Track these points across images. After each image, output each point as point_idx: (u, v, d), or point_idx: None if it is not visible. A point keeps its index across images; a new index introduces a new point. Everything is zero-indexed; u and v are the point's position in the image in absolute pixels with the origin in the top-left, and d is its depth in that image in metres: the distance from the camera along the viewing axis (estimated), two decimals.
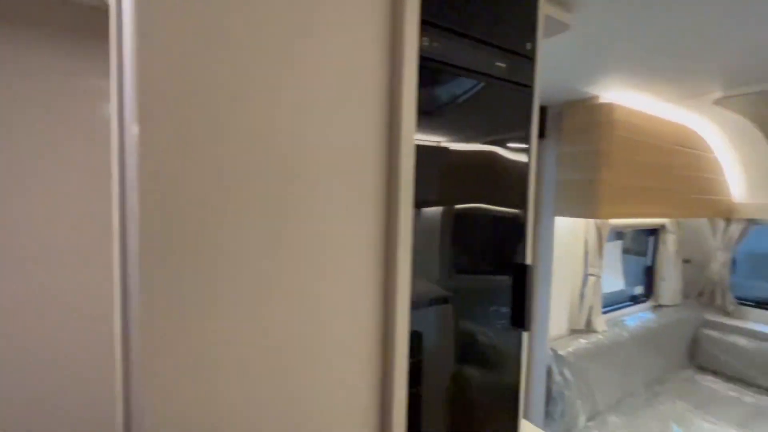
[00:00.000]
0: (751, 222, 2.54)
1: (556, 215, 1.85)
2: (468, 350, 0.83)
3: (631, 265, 2.84)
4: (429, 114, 0.66)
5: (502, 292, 0.86)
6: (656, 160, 1.90)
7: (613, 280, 2.53)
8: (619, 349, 2.20)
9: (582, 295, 2.17)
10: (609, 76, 1.46)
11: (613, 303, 2.61)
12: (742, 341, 2.52)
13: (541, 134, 1.89)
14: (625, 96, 1.69)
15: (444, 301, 0.77)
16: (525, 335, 0.91)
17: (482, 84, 0.74)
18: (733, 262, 2.79)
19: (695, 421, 2.04)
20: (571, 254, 2.13)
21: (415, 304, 0.67)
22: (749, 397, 2.27)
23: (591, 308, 2.16)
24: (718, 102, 1.67)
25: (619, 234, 2.64)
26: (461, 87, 0.71)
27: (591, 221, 2.09)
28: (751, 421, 2.02)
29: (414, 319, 0.66)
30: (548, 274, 1.92)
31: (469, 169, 0.75)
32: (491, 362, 0.87)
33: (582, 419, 1.93)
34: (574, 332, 2.15)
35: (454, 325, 0.79)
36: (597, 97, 1.70)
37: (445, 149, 0.70)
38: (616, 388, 2.16)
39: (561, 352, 1.91)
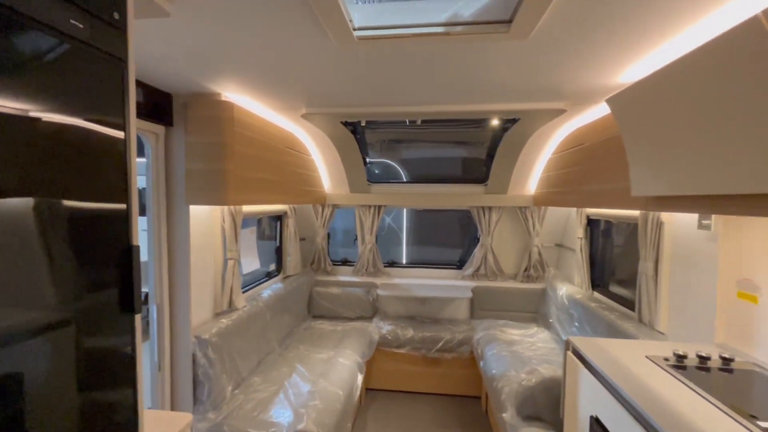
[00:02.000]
0: (335, 206, 3.67)
1: (190, 204, 1.89)
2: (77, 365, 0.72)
3: (266, 248, 3.35)
4: None
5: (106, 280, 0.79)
6: (272, 157, 2.34)
7: (252, 262, 2.90)
8: (257, 318, 2.56)
9: (223, 279, 2.34)
10: (226, 77, 1.65)
11: (253, 281, 2.99)
12: (335, 290, 3.60)
13: (169, 122, 1.86)
14: (242, 98, 1.96)
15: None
16: (165, 337, 0.89)
17: (50, 38, 0.65)
18: (329, 236, 3.92)
19: (311, 355, 2.72)
20: (211, 242, 2.24)
21: None
22: (340, 327, 3.30)
23: (232, 289, 2.37)
24: (304, 116, 2.28)
25: (258, 221, 3.04)
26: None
27: (226, 209, 2.28)
28: (341, 342, 2.95)
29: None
30: (186, 263, 1.93)
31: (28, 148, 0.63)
32: (104, 368, 0.79)
33: (228, 390, 2.11)
34: (218, 315, 2.29)
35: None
36: (219, 94, 1.87)
37: None
38: (256, 353, 2.51)
39: (204, 336, 1.99)
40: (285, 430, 1.83)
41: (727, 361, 1.41)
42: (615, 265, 2.79)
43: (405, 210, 4.03)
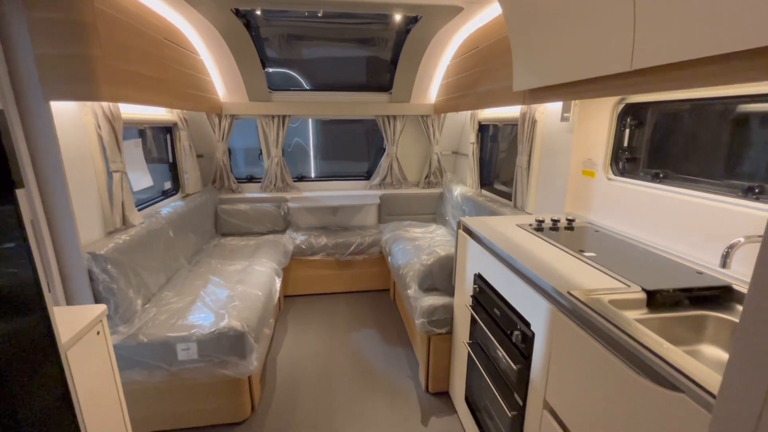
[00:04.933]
0: (234, 117, 3.38)
1: (50, 99, 1.57)
2: None
3: (158, 169, 3.00)
4: None
5: None
6: (150, 49, 2.01)
7: (141, 178, 2.61)
8: (159, 235, 2.41)
9: (111, 194, 2.10)
10: None
11: (147, 200, 2.73)
12: (243, 206, 3.50)
13: None
14: None
15: None
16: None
17: None
18: (231, 153, 3.66)
19: (225, 268, 2.72)
20: (87, 151, 1.94)
21: None
22: (252, 241, 3.29)
23: (123, 204, 2.16)
24: None
25: (140, 133, 2.67)
26: None
27: (100, 113, 1.95)
28: (254, 253, 2.97)
29: None
30: (58, 172, 1.66)
31: None
32: None
33: (138, 304, 2.04)
34: (111, 233, 2.09)
35: None
36: None
37: None
38: (164, 269, 2.41)
39: (100, 252, 1.83)
40: (207, 330, 1.89)
41: (570, 222, 1.85)
42: (499, 167, 3.22)
43: (310, 123, 3.91)
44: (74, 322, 0.96)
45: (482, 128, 3.29)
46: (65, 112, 1.76)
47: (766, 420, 0.44)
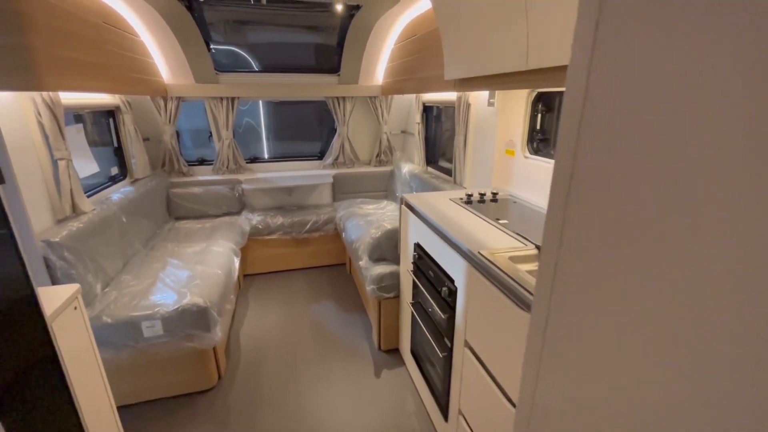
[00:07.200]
0: (181, 99, 3.34)
1: None
2: None
3: (103, 154, 2.94)
4: None
5: None
6: (89, 34, 1.99)
7: (87, 165, 2.58)
8: (112, 221, 2.44)
9: (58, 182, 2.10)
10: None
11: (95, 186, 2.70)
12: (196, 190, 3.52)
13: None
14: None
15: None
16: None
17: None
18: (179, 135, 3.62)
19: (182, 250, 2.79)
20: (28, 139, 1.93)
21: None
22: (208, 224, 3.35)
23: (72, 192, 2.17)
24: None
25: (77, 117, 2.61)
26: None
27: (39, 100, 1.93)
28: (211, 235, 3.05)
29: None
30: (4, 159, 1.67)
31: None
32: None
33: (98, 288, 2.11)
34: (61, 221, 2.11)
35: None
36: None
37: None
38: (120, 254, 2.46)
39: (54, 239, 1.87)
40: (170, 308, 2.01)
41: (495, 195, 2.14)
42: (443, 145, 3.48)
43: (261, 104, 3.92)
44: (52, 300, 1.08)
45: (427, 109, 3.51)
46: (1, 101, 1.74)
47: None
